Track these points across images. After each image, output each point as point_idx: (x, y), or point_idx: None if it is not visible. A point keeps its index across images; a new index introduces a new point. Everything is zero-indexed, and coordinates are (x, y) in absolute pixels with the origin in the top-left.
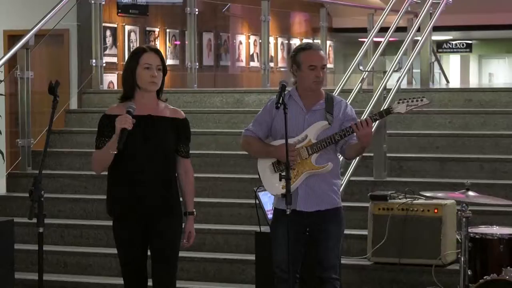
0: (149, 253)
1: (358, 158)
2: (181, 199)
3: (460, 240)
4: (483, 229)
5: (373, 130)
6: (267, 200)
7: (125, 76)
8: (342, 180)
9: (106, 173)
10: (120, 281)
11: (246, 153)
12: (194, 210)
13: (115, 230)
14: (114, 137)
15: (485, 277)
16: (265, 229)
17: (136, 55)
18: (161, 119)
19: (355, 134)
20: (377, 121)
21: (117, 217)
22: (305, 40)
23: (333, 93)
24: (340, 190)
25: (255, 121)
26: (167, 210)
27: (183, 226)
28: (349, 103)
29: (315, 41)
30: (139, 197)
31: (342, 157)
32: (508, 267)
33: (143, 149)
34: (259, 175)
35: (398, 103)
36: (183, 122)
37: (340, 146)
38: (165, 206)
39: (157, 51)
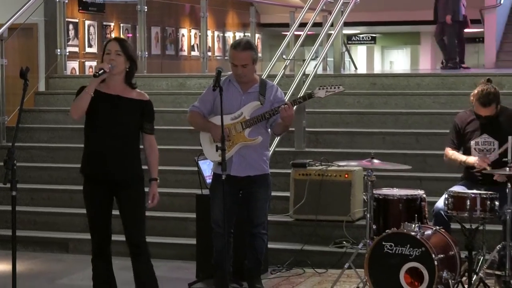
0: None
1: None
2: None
3: (366, 200)
4: (386, 191)
5: (294, 111)
6: (206, 167)
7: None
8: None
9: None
10: (82, 236)
11: (188, 128)
12: (157, 177)
13: (85, 191)
14: (91, 81)
15: (387, 231)
16: (204, 192)
17: (104, 46)
18: (128, 100)
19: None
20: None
21: (87, 180)
22: (237, 34)
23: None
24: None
25: (200, 100)
26: (129, 179)
27: (147, 191)
28: None
29: (245, 34)
30: (105, 167)
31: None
32: (406, 222)
33: (111, 125)
34: (200, 144)
35: (319, 89)
36: (147, 103)
37: (270, 123)
38: (128, 176)
39: (117, 39)
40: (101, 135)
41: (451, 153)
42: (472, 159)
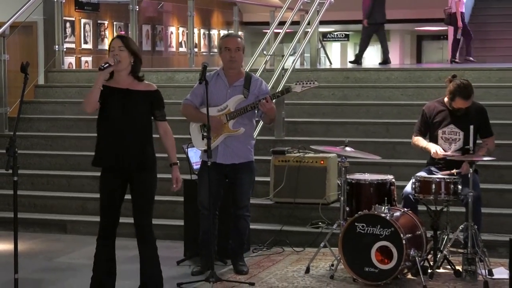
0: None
1: (261, 122)
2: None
3: (340, 184)
4: (358, 176)
5: (273, 104)
6: (193, 155)
7: None
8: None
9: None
10: (78, 218)
11: (177, 118)
12: (177, 161)
13: (101, 179)
14: (98, 75)
15: (359, 212)
16: (193, 177)
17: (109, 44)
18: (136, 92)
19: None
20: (279, 97)
21: (104, 169)
22: (221, 31)
23: None
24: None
25: (191, 93)
26: (142, 167)
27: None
28: None
29: (229, 32)
30: (119, 156)
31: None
32: (377, 205)
33: (122, 117)
34: (190, 134)
35: (296, 84)
36: (155, 93)
37: (260, 114)
38: (140, 163)
39: (120, 37)
40: (113, 127)
41: (415, 139)
42: (430, 147)
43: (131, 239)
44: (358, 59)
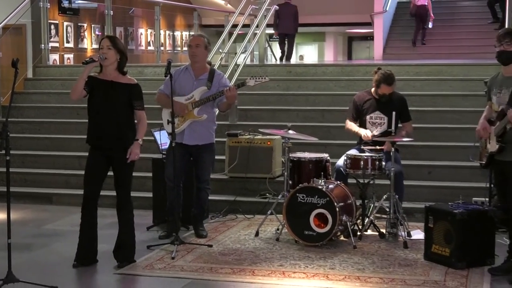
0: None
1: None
2: None
3: (284, 161)
4: (299, 154)
5: (236, 92)
6: (159, 137)
7: None
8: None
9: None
10: (62, 191)
11: (146, 106)
12: (140, 139)
13: (88, 155)
14: (84, 68)
15: (300, 185)
16: (158, 156)
17: (99, 42)
18: (119, 84)
19: (224, 95)
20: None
21: (91, 147)
22: (184, 33)
23: None
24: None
25: (164, 84)
26: (121, 148)
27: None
28: None
29: (190, 33)
30: (101, 138)
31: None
32: (314, 178)
33: (104, 104)
34: (162, 118)
35: (250, 79)
36: (134, 86)
37: (217, 103)
38: (120, 145)
39: (109, 37)
40: (97, 113)
41: (349, 123)
42: (361, 132)
43: (109, 209)
44: (288, 58)
